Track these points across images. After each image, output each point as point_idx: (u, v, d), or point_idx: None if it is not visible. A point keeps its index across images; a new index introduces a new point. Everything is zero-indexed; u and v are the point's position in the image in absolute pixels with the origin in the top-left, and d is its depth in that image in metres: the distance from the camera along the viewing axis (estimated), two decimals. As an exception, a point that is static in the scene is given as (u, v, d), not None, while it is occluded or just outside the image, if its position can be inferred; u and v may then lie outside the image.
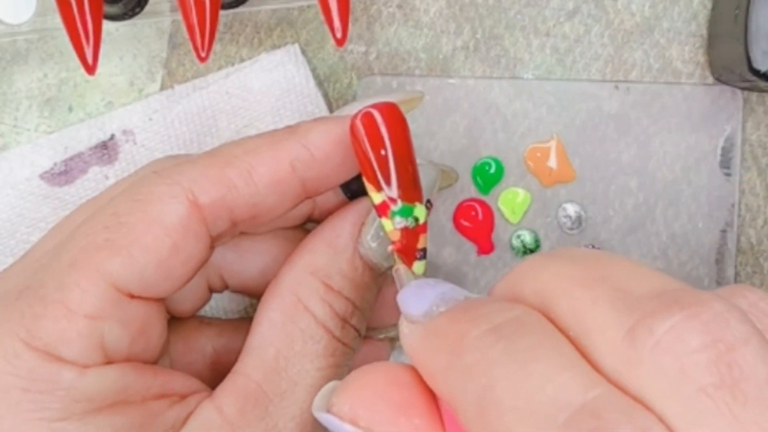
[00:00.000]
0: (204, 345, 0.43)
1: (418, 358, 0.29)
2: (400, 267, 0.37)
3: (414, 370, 0.29)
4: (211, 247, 0.37)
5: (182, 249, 0.35)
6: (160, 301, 0.37)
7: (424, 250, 0.38)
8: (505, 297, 0.30)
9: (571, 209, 0.48)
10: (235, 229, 0.38)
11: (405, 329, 0.30)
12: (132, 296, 0.35)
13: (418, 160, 0.38)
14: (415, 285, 0.32)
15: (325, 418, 0.29)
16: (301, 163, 0.37)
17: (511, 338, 0.26)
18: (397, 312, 0.43)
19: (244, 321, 0.43)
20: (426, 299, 0.30)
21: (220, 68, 0.48)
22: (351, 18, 0.45)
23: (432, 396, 0.29)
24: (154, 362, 0.37)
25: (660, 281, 0.27)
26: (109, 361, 0.35)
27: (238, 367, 0.37)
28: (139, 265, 0.35)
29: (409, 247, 0.37)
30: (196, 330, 0.43)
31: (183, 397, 0.36)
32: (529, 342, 0.26)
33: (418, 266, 0.37)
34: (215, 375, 0.40)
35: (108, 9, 0.45)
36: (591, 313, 0.26)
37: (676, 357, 0.24)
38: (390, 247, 0.37)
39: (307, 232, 0.40)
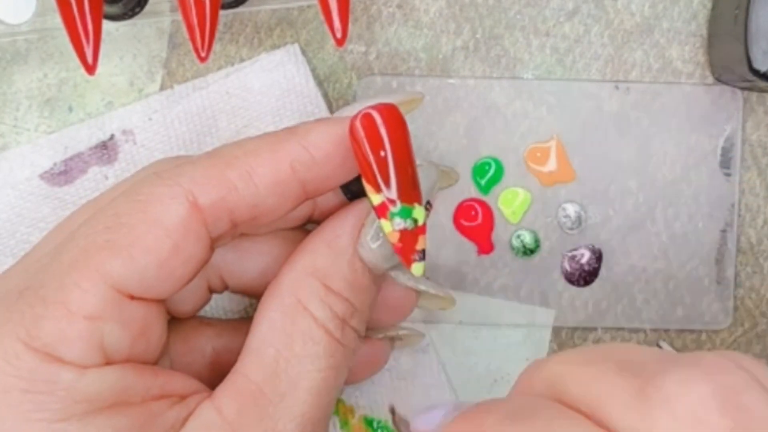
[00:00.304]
0: (203, 345, 0.43)
1: None
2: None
3: None
4: (212, 248, 0.37)
5: (182, 250, 0.36)
6: (161, 302, 0.37)
7: (423, 251, 0.38)
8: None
9: (571, 209, 0.48)
10: (235, 231, 0.38)
11: None
12: (132, 297, 0.35)
13: (417, 161, 0.38)
14: (427, 408, 0.34)
15: None
16: (302, 165, 0.37)
17: (528, 418, 0.27)
18: (397, 313, 0.44)
19: (244, 321, 0.43)
20: (441, 410, 0.32)
21: (220, 68, 0.48)
22: (351, 18, 0.45)
23: None
24: (154, 363, 0.37)
25: (657, 352, 0.28)
26: (109, 362, 0.35)
27: (238, 367, 0.37)
28: (140, 265, 0.35)
29: (408, 249, 0.37)
30: (195, 330, 0.43)
31: (183, 397, 0.36)
32: (545, 419, 0.27)
33: (417, 267, 0.37)
34: (215, 375, 0.40)
35: (108, 9, 0.45)
36: (600, 384, 0.27)
37: (688, 405, 0.25)
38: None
39: (307, 233, 0.40)
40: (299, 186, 0.37)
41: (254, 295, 0.42)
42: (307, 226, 0.43)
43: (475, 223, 0.48)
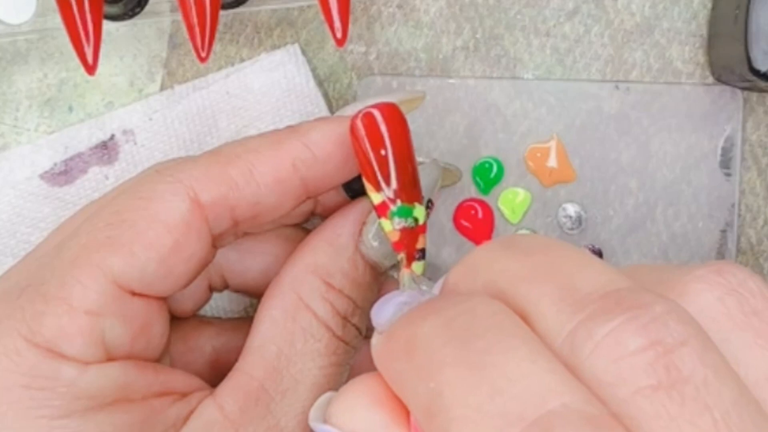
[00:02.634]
0: (203, 344, 0.43)
1: (380, 366, 0.28)
2: (404, 274, 0.36)
3: None
4: (214, 247, 0.38)
5: (184, 247, 0.36)
6: (162, 299, 0.37)
7: (423, 250, 0.38)
8: (458, 289, 0.29)
9: (571, 209, 0.48)
10: (236, 229, 0.38)
11: (373, 340, 0.29)
12: (133, 293, 0.35)
13: (419, 159, 0.38)
14: (384, 297, 0.30)
15: (321, 429, 0.29)
16: (303, 163, 0.37)
17: (463, 336, 0.25)
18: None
19: (244, 320, 0.43)
20: (389, 307, 0.29)
21: (220, 68, 0.48)
22: (351, 18, 0.45)
23: None
24: (156, 361, 0.37)
25: (608, 278, 0.26)
26: (110, 358, 0.35)
27: (240, 365, 0.37)
28: (141, 262, 0.35)
29: (409, 248, 0.37)
30: (195, 329, 0.43)
31: (184, 395, 0.36)
32: (483, 342, 0.24)
33: (417, 266, 0.37)
34: (215, 374, 0.41)
35: (108, 9, 0.45)
36: (536, 313, 0.25)
37: (613, 360, 0.23)
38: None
39: (308, 232, 0.40)
40: (300, 184, 0.37)
41: (255, 294, 0.42)
42: (311, 220, 0.43)
43: (475, 223, 0.48)
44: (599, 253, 0.48)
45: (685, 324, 0.24)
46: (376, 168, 0.36)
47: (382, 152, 0.36)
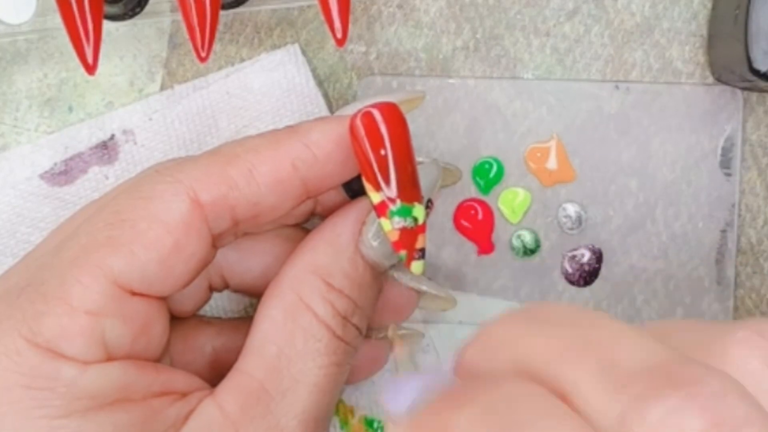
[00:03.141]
0: (203, 344, 0.43)
1: None
2: (397, 351, 0.36)
3: None
4: (214, 247, 0.38)
5: (184, 247, 0.36)
6: (162, 299, 0.37)
7: (423, 250, 0.38)
8: (479, 366, 0.27)
9: (571, 209, 0.48)
10: (237, 229, 0.38)
11: (390, 429, 0.27)
12: (134, 293, 0.35)
13: (419, 159, 0.38)
14: (395, 381, 0.29)
15: None
16: (303, 163, 0.37)
17: (507, 425, 0.23)
18: (397, 312, 0.43)
19: (244, 321, 0.43)
20: (410, 392, 0.27)
21: (220, 68, 0.48)
22: (351, 18, 0.45)
23: None
24: (156, 360, 0.37)
25: (649, 349, 0.24)
26: (110, 358, 0.35)
27: (240, 365, 0.37)
28: (141, 262, 0.35)
29: (408, 247, 0.37)
30: (195, 329, 0.43)
31: (184, 394, 0.36)
32: (533, 427, 0.23)
33: (417, 266, 0.38)
34: (214, 374, 0.41)
35: (108, 9, 0.45)
36: (576, 394, 0.24)
37: None
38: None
39: (308, 232, 0.40)
40: (300, 184, 0.37)
41: (254, 294, 0.42)
42: (311, 220, 0.43)
43: (475, 223, 0.48)
44: (599, 253, 0.48)
45: (744, 400, 0.22)
46: (375, 168, 0.36)
47: (382, 152, 0.36)
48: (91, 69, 0.41)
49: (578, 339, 0.25)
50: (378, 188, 0.37)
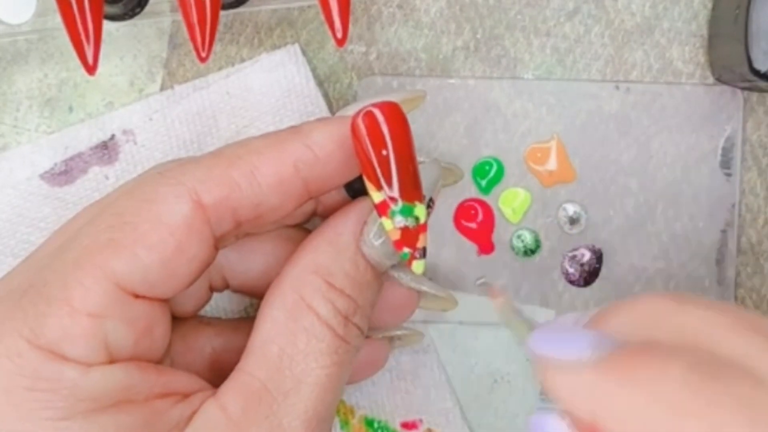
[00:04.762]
0: (203, 345, 0.43)
1: (595, 399, 0.29)
2: (509, 315, 0.37)
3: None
4: (216, 248, 0.37)
5: (186, 249, 0.36)
6: (164, 301, 0.37)
7: (424, 249, 0.38)
8: (633, 334, 0.30)
9: (572, 209, 0.48)
10: (239, 230, 0.38)
11: (558, 374, 0.30)
12: (136, 295, 0.35)
13: (420, 158, 0.38)
14: (555, 330, 0.32)
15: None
16: (305, 164, 0.37)
17: (721, 379, 0.26)
18: (398, 313, 0.43)
19: (244, 321, 0.43)
20: (585, 340, 0.30)
21: (220, 68, 0.48)
22: (351, 18, 0.45)
23: None
24: (158, 362, 0.37)
25: None
26: (112, 360, 0.34)
27: (242, 365, 0.37)
28: (143, 264, 0.35)
29: (410, 247, 0.37)
30: (195, 329, 0.43)
31: (186, 395, 0.36)
32: (743, 384, 0.26)
33: (418, 265, 0.37)
34: (214, 374, 0.40)
35: (108, 9, 0.45)
36: (760, 360, 0.27)
37: None
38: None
39: (308, 232, 0.40)
40: (302, 185, 0.37)
41: (255, 295, 0.42)
42: (312, 220, 0.43)
43: (476, 223, 0.48)
44: (599, 253, 0.48)
45: None
46: (376, 167, 0.36)
47: (383, 151, 0.36)
48: (91, 69, 0.41)
49: (743, 319, 0.28)
50: (379, 188, 0.37)
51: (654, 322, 0.30)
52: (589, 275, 0.48)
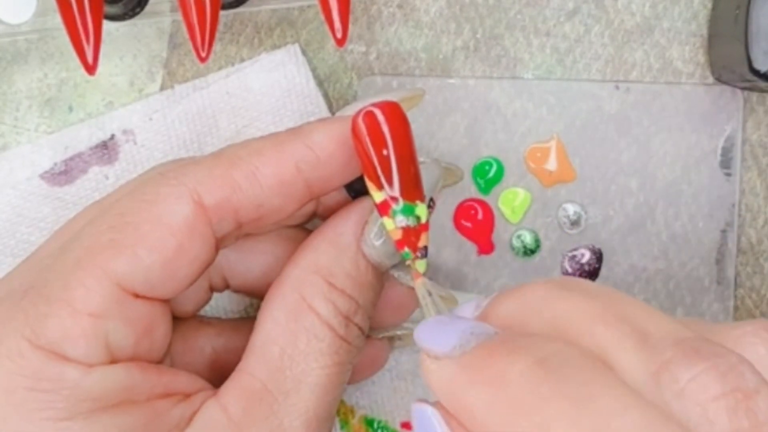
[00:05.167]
0: (203, 345, 0.43)
1: (452, 394, 0.29)
2: (427, 298, 0.37)
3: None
4: (216, 249, 0.37)
5: (187, 249, 0.36)
6: (165, 301, 0.37)
7: (425, 248, 0.38)
8: (515, 321, 0.30)
9: (572, 209, 0.48)
10: (240, 231, 0.38)
11: (431, 366, 0.30)
12: (137, 296, 0.35)
13: (420, 159, 0.38)
14: (436, 321, 0.32)
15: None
16: (306, 164, 0.37)
17: (560, 374, 0.27)
18: (398, 313, 0.43)
19: (244, 321, 0.43)
20: (454, 333, 0.30)
21: (220, 68, 0.48)
22: (351, 18, 0.45)
23: None
24: (159, 362, 0.37)
25: (675, 326, 0.28)
26: (113, 360, 0.35)
27: (242, 365, 0.37)
28: (144, 264, 0.35)
29: (411, 246, 0.37)
30: (195, 329, 0.43)
31: (187, 395, 0.36)
32: (582, 378, 0.26)
33: (419, 265, 0.37)
34: (214, 375, 0.41)
35: (108, 9, 0.45)
36: (616, 353, 0.27)
37: (698, 403, 0.25)
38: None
39: (309, 232, 0.40)
40: (304, 186, 0.37)
41: (255, 295, 0.42)
42: (313, 221, 0.43)
43: (475, 223, 0.48)
44: (599, 253, 0.48)
45: (756, 374, 0.26)
46: (377, 166, 0.36)
47: (384, 150, 0.36)
48: (91, 69, 0.41)
49: (613, 308, 0.29)
50: (380, 187, 0.37)
51: (535, 310, 0.30)
52: (588, 275, 0.48)
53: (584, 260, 0.48)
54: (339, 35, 0.41)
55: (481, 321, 0.31)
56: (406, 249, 0.37)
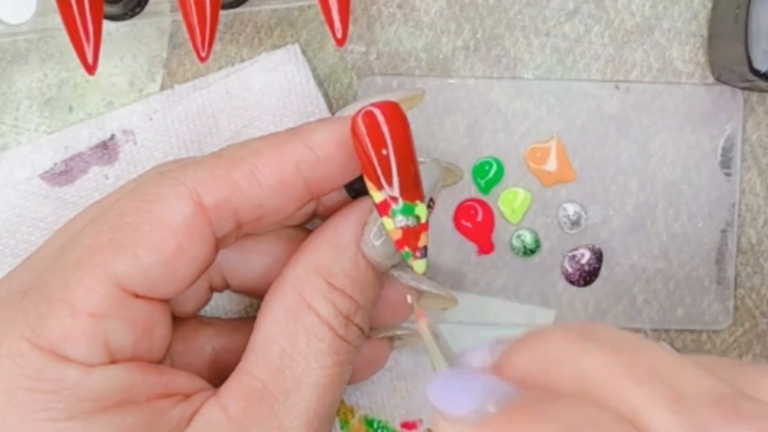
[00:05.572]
0: (203, 345, 0.43)
1: None
2: (433, 344, 0.36)
3: None
4: (216, 249, 0.37)
5: (187, 249, 0.36)
6: (165, 301, 0.37)
7: (425, 248, 0.38)
8: (534, 375, 0.29)
9: (571, 209, 0.48)
10: (240, 231, 0.38)
11: (448, 429, 0.29)
12: (137, 296, 0.35)
13: (420, 158, 0.38)
14: (450, 377, 0.30)
15: None
16: (306, 164, 0.37)
17: None
18: (398, 313, 0.43)
19: (244, 321, 0.43)
20: (472, 394, 0.28)
21: (220, 68, 0.48)
22: (351, 18, 0.45)
23: None
24: (159, 362, 0.37)
25: (708, 381, 0.26)
26: (113, 361, 0.35)
27: (243, 365, 0.37)
28: (144, 264, 0.35)
29: (411, 246, 0.37)
30: (195, 329, 0.43)
31: (187, 396, 0.36)
32: None
33: (419, 265, 0.38)
34: (214, 375, 0.41)
35: (108, 9, 0.45)
36: (649, 414, 0.26)
37: None
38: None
39: (309, 232, 0.40)
40: (304, 186, 0.37)
41: (255, 295, 0.42)
42: (312, 220, 0.43)
43: (475, 223, 0.48)
44: (599, 253, 0.48)
45: None
46: (377, 166, 0.36)
47: (384, 150, 0.36)
48: (91, 69, 0.41)
49: (641, 361, 0.27)
50: (380, 187, 0.37)
51: (555, 363, 0.28)
52: (588, 275, 0.48)
53: (584, 260, 0.48)
54: (339, 35, 0.41)
55: (496, 374, 0.30)
56: (406, 249, 0.37)
